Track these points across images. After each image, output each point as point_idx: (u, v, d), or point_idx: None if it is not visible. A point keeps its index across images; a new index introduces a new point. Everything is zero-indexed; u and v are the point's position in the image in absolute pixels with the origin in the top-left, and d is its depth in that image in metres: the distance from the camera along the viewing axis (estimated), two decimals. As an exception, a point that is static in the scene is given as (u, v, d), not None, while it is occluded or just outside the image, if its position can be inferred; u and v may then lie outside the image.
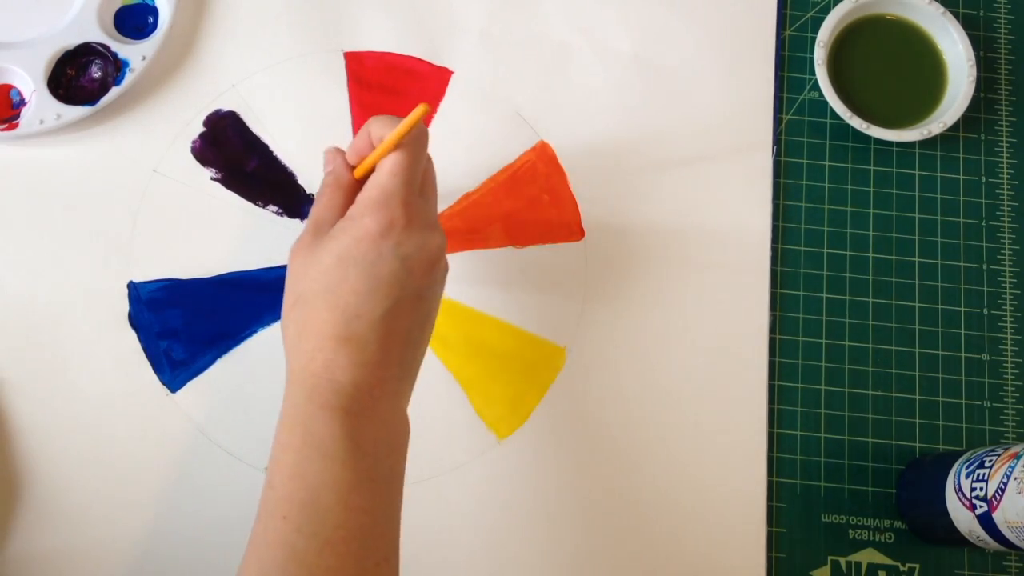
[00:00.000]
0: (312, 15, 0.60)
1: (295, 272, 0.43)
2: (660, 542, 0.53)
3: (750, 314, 0.57)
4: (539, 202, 0.58)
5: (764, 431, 0.55)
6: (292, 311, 0.42)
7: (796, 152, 0.60)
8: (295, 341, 0.42)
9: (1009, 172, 0.60)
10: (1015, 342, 0.57)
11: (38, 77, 0.56)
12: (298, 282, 0.42)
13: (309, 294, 0.41)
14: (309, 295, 0.41)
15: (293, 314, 0.42)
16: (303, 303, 0.42)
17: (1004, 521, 0.46)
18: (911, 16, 0.61)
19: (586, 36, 0.61)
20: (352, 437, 0.39)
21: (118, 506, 0.52)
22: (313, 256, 0.42)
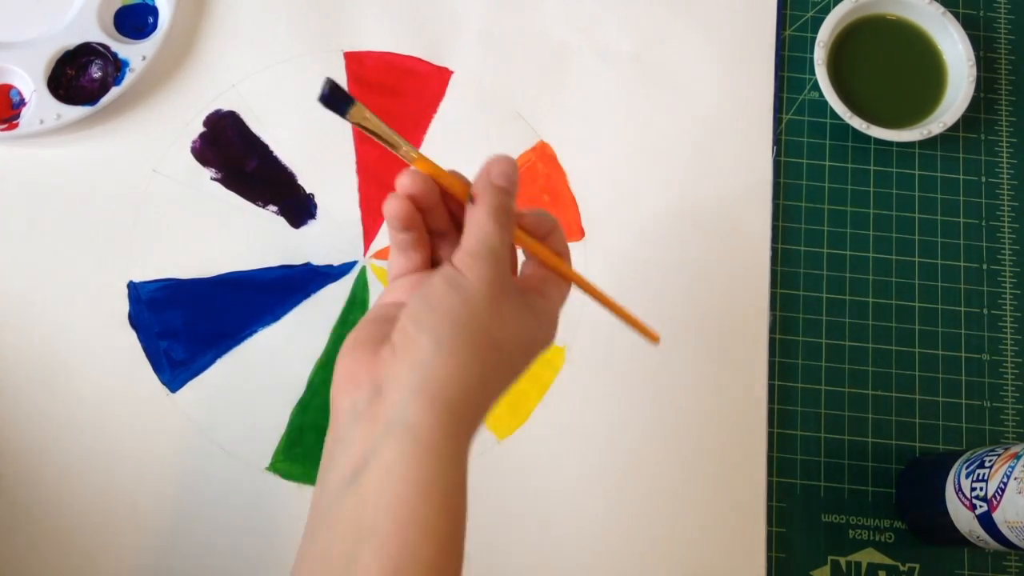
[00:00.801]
0: (312, 15, 0.60)
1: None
2: (660, 542, 0.53)
3: (750, 314, 0.57)
4: (539, 202, 0.58)
5: (764, 431, 0.55)
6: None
7: (796, 152, 0.60)
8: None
9: (1009, 172, 0.60)
10: (1015, 342, 0.57)
11: (38, 77, 0.56)
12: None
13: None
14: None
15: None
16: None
17: (1004, 521, 0.46)
18: (911, 16, 0.61)
19: (586, 36, 0.61)
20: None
21: (118, 506, 0.52)
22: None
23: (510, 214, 0.37)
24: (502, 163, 0.38)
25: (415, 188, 0.37)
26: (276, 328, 0.55)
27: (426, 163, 0.37)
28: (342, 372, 0.36)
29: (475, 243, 0.36)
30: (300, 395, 0.54)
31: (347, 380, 0.35)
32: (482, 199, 0.37)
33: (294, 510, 0.52)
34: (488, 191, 0.37)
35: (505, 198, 0.37)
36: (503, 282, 0.36)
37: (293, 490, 0.52)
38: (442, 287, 0.35)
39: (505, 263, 0.36)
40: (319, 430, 0.53)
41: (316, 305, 0.55)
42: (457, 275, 0.35)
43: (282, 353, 0.54)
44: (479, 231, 0.36)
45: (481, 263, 0.35)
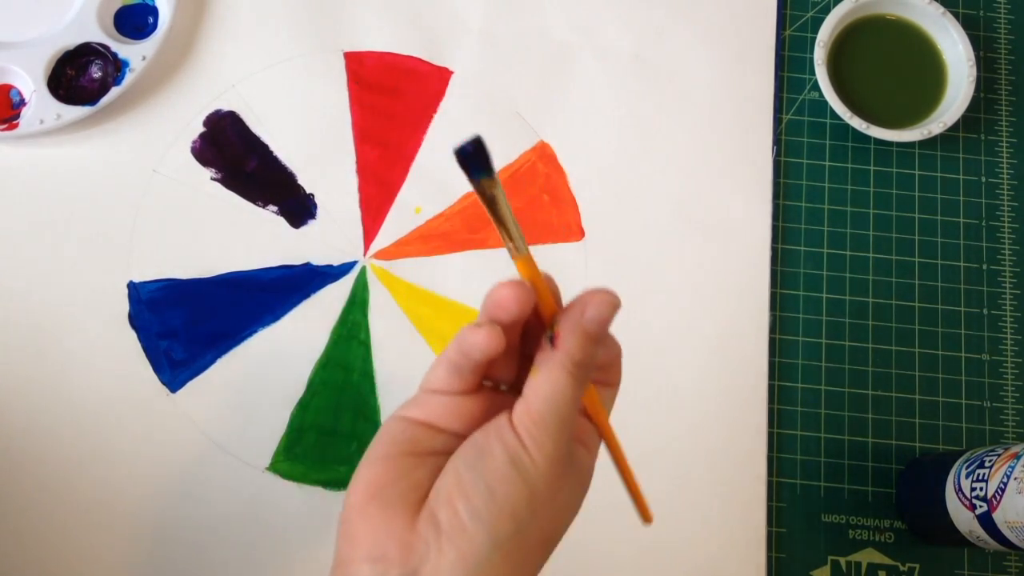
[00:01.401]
0: (312, 15, 0.60)
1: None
2: (660, 542, 0.53)
3: (750, 314, 0.57)
4: (539, 202, 0.58)
5: (764, 431, 0.55)
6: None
7: (796, 152, 0.60)
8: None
9: (1009, 172, 0.60)
10: (1015, 342, 0.57)
11: (38, 77, 0.56)
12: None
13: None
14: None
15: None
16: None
17: (1004, 521, 0.46)
18: (911, 16, 0.61)
19: (586, 36, 0.61)
20: None
21: (118, 506, 0.52)
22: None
23: (591, 369, 0.31)
24: (603, 304, 0.31)
25: (517, 310, 0.30)
26: (276, 328, 0.55)
27: (533, 268, 0.31)
28: (362, 530, 0.30)
29: (544, 405, 0.30)
30: (300, 395, 0.54)
31: (369, 544, 0.29)
32: (564, 346, 0.30)
33: (294, 510, 0.52)
34: (575, 338, 0.30)
35: (592, 350, 0.31)
36: (566, 458, 0.31)
37: (293, 490, 0.52)
38: (504, 468, 0.29)
39: (571, 431, 0.31)
40: (319, 430, 0.53)
41: (316, 305, 0.55)
42: (520, 452, 0.30)
43: (282, 353, 0.54)
44: (552, 389, 0.30)
45: (548, 437, 0.30)
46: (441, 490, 0.30)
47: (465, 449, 0.31)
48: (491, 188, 0.29)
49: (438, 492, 0.30)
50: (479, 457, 0.30)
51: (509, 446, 0.30)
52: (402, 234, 0.57)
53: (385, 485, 0.30)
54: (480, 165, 0.28)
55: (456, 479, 0.30)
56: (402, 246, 0.57)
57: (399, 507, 0.30)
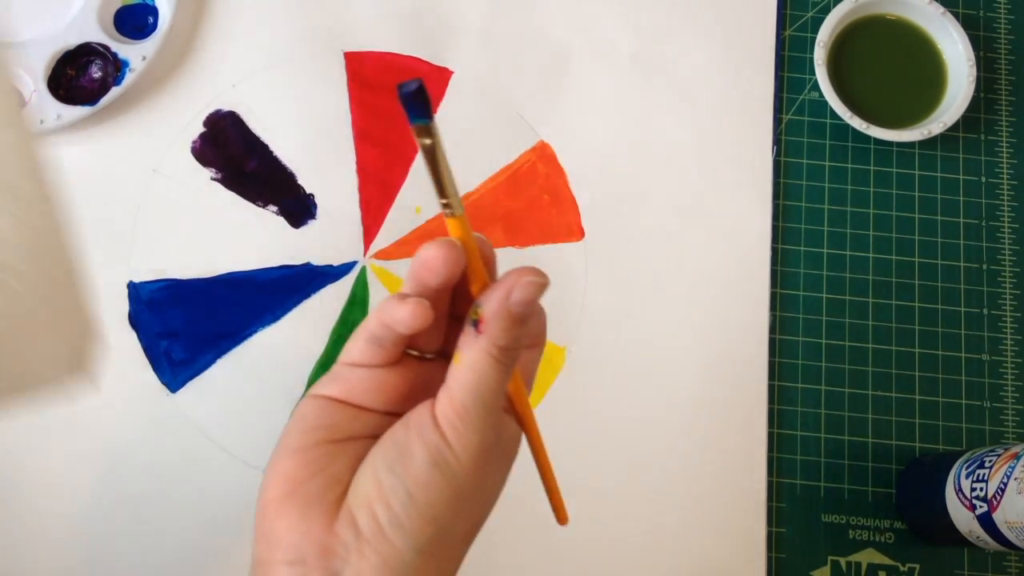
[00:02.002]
0: (312, 15, 0.60)
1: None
2: (660, 542, 0.53)
3: (750, 314, 0.57)
4: (539, 202, 0.58)
5: (764, 431, 0.55)
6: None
7: (796, 152, 0.60)
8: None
9: (1009, 172, 0.60)
10: (1015, 342, 0.57)
11: (38, 77, 0.56)
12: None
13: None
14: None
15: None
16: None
17: (1004, 521, 0.46)
18: (911, 16, 0.61)
19: (586, 36, 0.61)
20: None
21: (118, 506, 0.52)
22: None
23: (519, 352, 0.30)
24: (530, 286, 0.29)
25: (446, 272, 0.29)
26: (276, 328, 0.55)
27: (465, 230, 0.29)
28: (279, 530, 0.28)
29: (468, 396, 0.28)
30: (300, 395, 0.54)
31: (287, 547, 0.28)
32: (489, 331, 0.29)
33: (294, 510, 0.52)
34: (500, 323, 0.29)
35: (519, 333, 0.29)
36: (492, 445, 0.29)
37: (293, 490, 0.52)
38: (426, 470, 0.28)
39: (498, 417, 0.30)
40: (319, 430, 0.53)
41: (316, 305, 0.55)
42: (444, 450, 0.28)
43: (282, 353, 0.54)
44: (476, 377, 0.29)
45: (473, 430, 0.28)
46: (359, 492, 0.28)
47: (385, 447, 0.29)
48: (428, 136, 0.28)
49: (356, 494, 0.28)
50: (399, 458, 0.28)
51: (431, 445, 0.28)
52: (402, 234, 0.57)
53: (301, 481, 0.29)
54: (420, 109, 0.27)
55: (375, 482, 0.28)
56: (402, 246, 0.57)
57: (316, 506, 0.28)
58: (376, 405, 0.30)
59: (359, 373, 0.30)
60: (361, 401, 0.30)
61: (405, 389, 0.31)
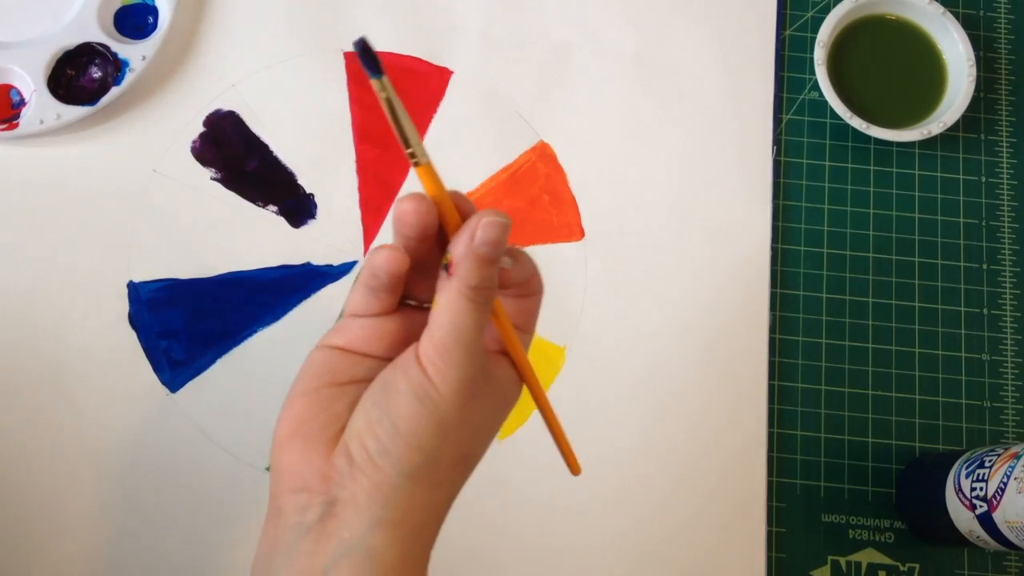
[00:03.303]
0: (312, 15, 0.60)
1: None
2: (660, 542, 0.53)
3: (750, 314, 0.57)
4: (539, 202, 0.58)
5: (764, 431, 0.55)
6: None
7: (796, 152, 0.60)
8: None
9: (1009, 172, 0.60)
10: (1015, 342, 0.57)
11: (38, 77, 0.56)
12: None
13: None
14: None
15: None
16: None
17: (1004, 521, 0.46)
18: (911, 16, 0.61)
19: (586, 36, 0.61)
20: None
21: (118, 506, 0.52)
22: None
23: (491, 291, 0.31)
24: (490, 225, 0.31)
25: (418, 223, 0.31)
26: (276, 328, 0.55)
27: (432, 178, 0.31)
28: (286, 463, 0.31)
29: (446, 335, 0.30)
30: (300, 395, 0.54)
31: (292, 477, 0.31)
32: (459, 272, 0.30)
33: (294, 510, 0.52)
34: (467, 263, 0.30)
35: (488, 272, 0.31)
36: (476, 381, 0.31)
37: (293, 490, 0.52)
38: (409, 404, 0.30)
39: (479, 354, 0.31)
40: (319, 430, 0.53)
41: (316, 305, 0.55)
42: (426, 384, 0.30)
43: (282, 353, 0.54)
44: (452, 317, 0.30)
45: (452, 366, 0.30)
46: (353, 426, 0.31)
47: (375, 386, 0.31)
48: (383, 89, 0.30)
49: (351, 428, 0.31)
50: (384, 393, 0.31)
51: (413, 380, 0.30)
52: (402, 234, 0.57)
53: (305, 420, 0.32)
54: (376, 65, 0.29)
55: (365, 415, 0.31)
56: (402, 246, 0.57)
57: (318, 441, 0.31)
58: (377, 351, 0.33)
59: (360, 322, 0.33)
60: (363, 348, 0.33)
61: (403, 336, 0.33)
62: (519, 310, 0.35)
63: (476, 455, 0.34)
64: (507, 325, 0.34)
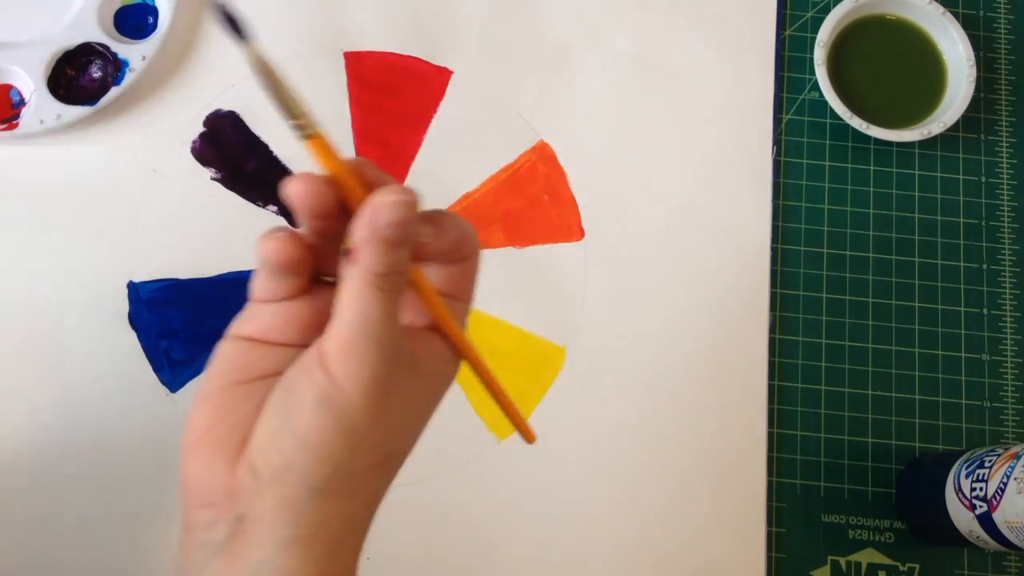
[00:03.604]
0: (312, 15, 0.60)
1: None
2: (660, 542, 0.53)
3: (750, 314, 0.57)
4: (539, 202, 0.58)
5: (764, 431, 0.55)
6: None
7: (796, 152, 0.60)
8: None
9: (1009, 172, 0.60)
10: (1015, 342, 0.57)
11: (38, 77, 0.56)
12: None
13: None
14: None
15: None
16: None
17: (1004, 521, 0.46)
18: (911, 16, 0.61)
19: (586, 36, 0.61)
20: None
21: (118, 506, 0.52)
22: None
23: (402, 276, 0.28)
24: (392, 206, 0.27)
25: (311, 205, 0.28)
26: (276, 328, 0.55)
27: (326, 152, 0.28)
28: (191, 474, 0.29)
29: (351, 330, 0.27)
30: (300, 395, 0.54)
31: (198, 491, 0.29)
32: (363, 258, 0.27)
33: (294, 510, 0.52)
34: (370, 249, 0.27)
35: (396, 256, 0.27)
36: (391, 375, 0.28)
37: (293, 490, 0.52)
38: (312, 411, 0.27)
39: (392, 346, 0.28)
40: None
41: (316, 305, 0.55)
42: (330, 388, 0.27)
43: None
44: (358, 309, 0.27)
45: (360, 364, 0.27)
46: (257, 437, 0.28)
47: (278, 389, 0.28)
48: (254, 54, 0.26)
49: (255, 438, 0.28)
50: (286, 399, 0.28)
51: (316, 384, 0.27)
52: (402, 234, 0.57)
53: (210, 426, 0.29)
54: (241, 30, 0.26)
55: (268, 425, 0.28)
56: (402, 246, 0.57)
57: (222, 451, 0.28)
58: (291, 339, 0.30)
59: (268, 308, 0.30)
60: (274, 337, 0.30)
61: (318, 318, 0.29)
62: (449, 277, 0.31)
63: (401, 452, 0.30)
64: (433, 296, 0.30)
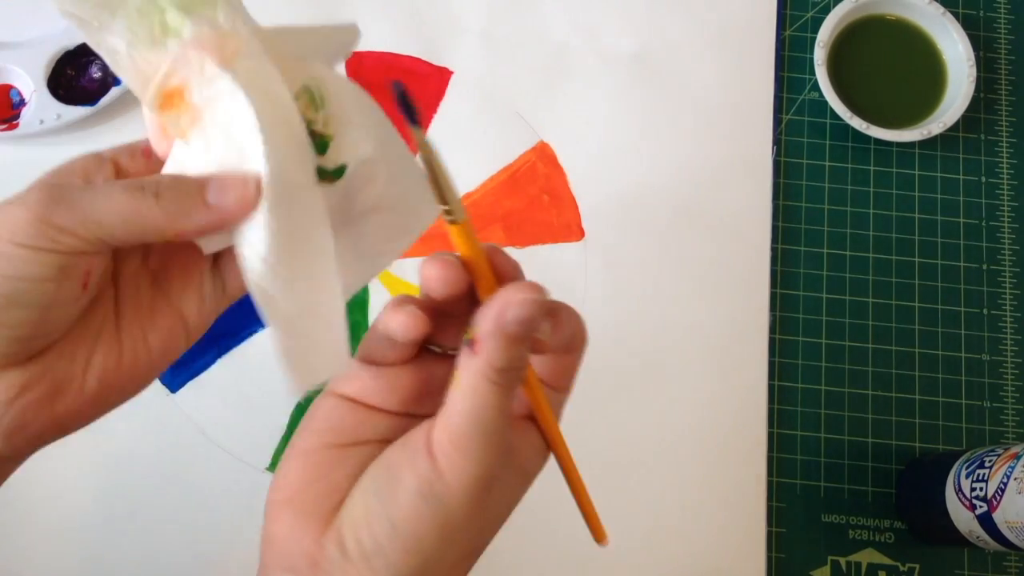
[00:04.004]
0: (312, 15, 0.60)
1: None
2: (660, 542, 0.53)
3: (750, 314, 0.57)
4: (539, 202, 0.58)
5: (764, 431, 0.55)
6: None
7: (796, 152, 0.60)
8: None
9: (1009, 172, 0.60)
10: (1015, 342, 0.57)
11: (38, 77, 0.56)
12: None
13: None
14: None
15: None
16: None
17: (1004, 521, 0.46)
18: (911, 16, 0.61)
19: (586, 36, 0.61)
20: None
21: (118, 506, 0.52)
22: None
23: (520, 372, 0.27)
24: (525, 304, 0.26)
25: (446, 290, 0.27)
26: (276, 328, 0.55)
27: (467, 238, 0.27)
28: (275, 534, 0.28)
29: (465, 423, 0.26)
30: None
31: (281, 553, 0.28)
32: (485, 352, 0.26)
33: (294, 510, 0.52)
34: (494, 343, 0.26)
35: (518, 353, 0.26)
36: (494, 473, 0.27)
37: (293, 490, 0.52)
38: (412, 502, 0.26)
39: (502, 443, 0.27)
40: (319, 430, 0.53)
41: (316, 305, 0.55)
42: (434, 480, 0.26)
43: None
44: (473, 403, 0.26)
45: (469, 459, 0.26)
46: (350, 511, 0.27)
47: (378, 467, 0.27)
48: (423, 138, 0.26)
49: (347, 512, 0.27)
50: (388, 484, 0.27)
51: (421, 475, 0.26)
52: (402, 234, 0.57)
53: (300, 487, 0.28)
54: (412, 112, 0.25)
55: (364, 504, 0.27)
56: (402, 246, 0.57)
57: (311, 516, 0.27)
58: (391, 405, 0.29)
59: (372, 371, 0.29)
60: (374, 401, 0.29)
61: (422, 389, 0.29)
62: (556, 369, 0.31)
63: (481, 550, 0.30)
64: (537, 389, 0.29)
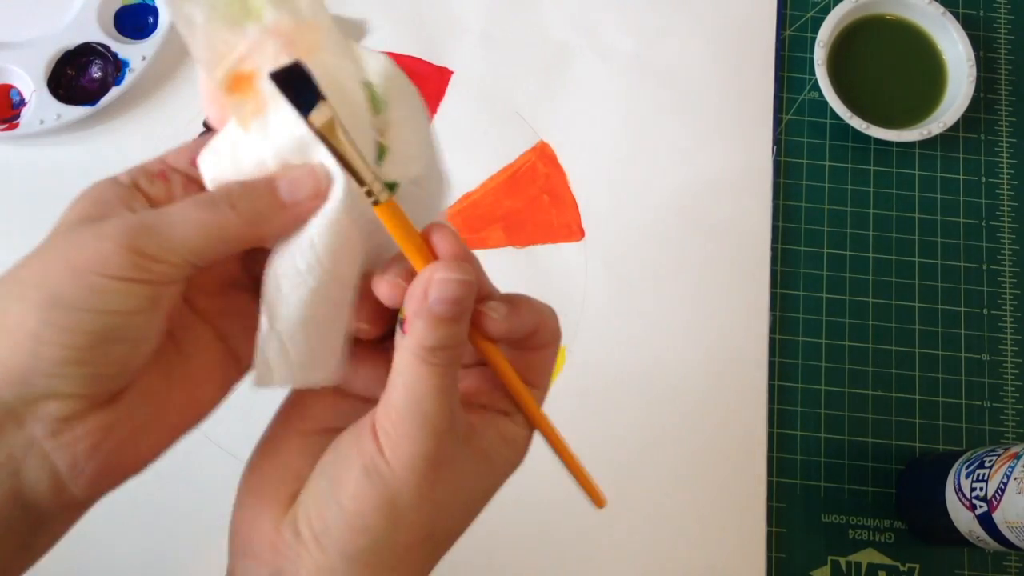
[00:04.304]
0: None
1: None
2: (660, 542, 0.53)
3: (750, 314, 0.57)
4: (539, 202, 0.58)
5: (764, 431, 0.55)
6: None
7: (796, 152, 0.60)
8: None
9: (1009, 172, 0.60)
10: (1015, 342, 0.57)
11: (38, 77, 0.56)
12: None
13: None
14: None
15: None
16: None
17: (1004, 521, 0.46)
18: (911, 16, 0.61)
19: (586, 36, 0.61)
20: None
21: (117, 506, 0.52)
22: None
23: (457, 350, 0.27)
24: (444, 283, 0.26)
25: (399, 302, 0.27)
26: (276, 328, 0.55)
27: (394, 218, 0.26)
28: (238, 522, 0.29)
29: (401, 402, 0.26)
30: (300, 395, 0.54)
31: (242, 540, 0.29)
32: (413, 331, 0.26)
33: (294, 510, 0.52)
34: (421, 322, 0.26)
35: (449, 331, 0.26)
36: (442, 452, 0.27)
37: (293, 490, 0.52)
38: (356, 479, 0.26)
39: (444, 422, 0.27)
40: (319, 430, 0.53)
41: (316, 305, 0.55)
42: (376, 458, 0.26)
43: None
44: (407, 381, 0.26)
45: (407, 437, 0.26)
46: (305, 495, 0.28)
47: (330, 452, 0.28)
48: (321, 120, 0.24)
49: (303, 497, 0.28)
50: (337, 465, 0.27)
51: (364, 452, 0.27)
52: (402, 234, 0.57)
53: (263, 474, 0.29)
54: (304, 93, 0.24)
55: (316, 487, 0.28)
56: (402, 246, 0.57)
57: (271, 502, 0.28)
58: (356, 390, 0.30)
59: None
60: (339, 386, 0.29)
61: (387, 372, 0.28)
62: (524, 365, 0.30)
63: (450, 532, 0.29)
64: (511, 375, 0.30)
